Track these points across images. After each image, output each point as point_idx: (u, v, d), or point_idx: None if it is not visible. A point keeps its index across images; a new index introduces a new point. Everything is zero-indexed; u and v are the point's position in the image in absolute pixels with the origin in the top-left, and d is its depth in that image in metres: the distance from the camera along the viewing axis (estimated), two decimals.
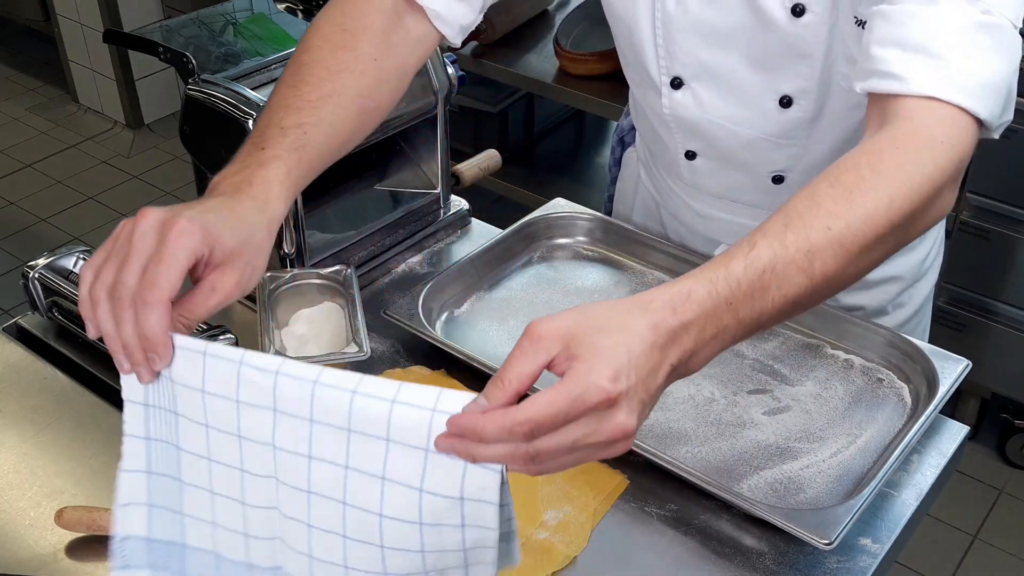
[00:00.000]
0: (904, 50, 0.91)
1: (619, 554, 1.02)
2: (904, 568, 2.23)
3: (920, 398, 1.17)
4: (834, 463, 1.09)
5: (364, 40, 1.06)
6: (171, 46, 1.27)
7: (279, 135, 0.95)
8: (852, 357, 1.23)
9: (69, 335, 1.26)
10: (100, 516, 1.00)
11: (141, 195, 3.48)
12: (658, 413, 1.15)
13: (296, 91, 1.00)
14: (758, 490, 1.06)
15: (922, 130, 0.88)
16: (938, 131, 0.88)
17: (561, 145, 3.10)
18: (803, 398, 1.18)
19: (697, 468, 1.07)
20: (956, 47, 0.89)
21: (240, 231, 0.85)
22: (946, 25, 0.90)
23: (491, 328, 1.29)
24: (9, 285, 3.06)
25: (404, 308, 1.25)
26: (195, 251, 0.80)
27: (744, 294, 0.77)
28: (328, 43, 1.05)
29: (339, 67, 1.03)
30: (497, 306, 1.33)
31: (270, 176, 0.91)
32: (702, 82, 1.21)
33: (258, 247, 0.87)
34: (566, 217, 1.44)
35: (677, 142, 1.30)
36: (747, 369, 1.22)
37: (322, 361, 1.16)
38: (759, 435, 1.13)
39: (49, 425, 1.15)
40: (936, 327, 2.39)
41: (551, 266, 1.40)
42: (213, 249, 0.82)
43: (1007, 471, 2.48)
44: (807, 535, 0.97)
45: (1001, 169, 2.14)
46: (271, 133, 0.96)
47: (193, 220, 0.80)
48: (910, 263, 1.34)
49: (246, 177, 0.90)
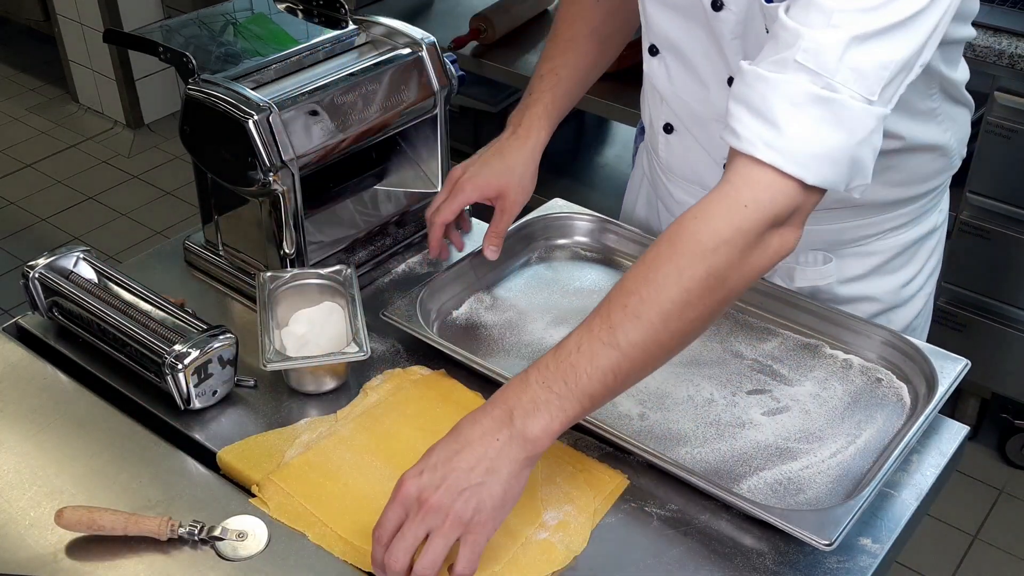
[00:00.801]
0: (748, 110, 0.96)
1: (619, 554, 1.02)
2: (904, 568, 2.23)
3: (919, 398, 1.17)
4: (833, 463, 1.10)
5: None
6: (171, 46, 1.27)
7: (539, 81, 1.34)
8: (851, 357, 1.23)
9: (69, 335, 1.26)
10: (100, 516, 1.00)
11: (141, 195, 3.48)
12: (658, 414, 1.15)
13: (551, 43, 1.36)
14: (758, 491, 1.06)
15: (734, 193, 0.95)
16: (746, 194, 0.94)
17: (561, 145, 3.10)
18: (802, 398, 1.18)
19: (697, 469, 1.07)
20: (791, 118, 0.93)
21: (504, 170, 1.31)
22: (786, 95, 0.94)
23: (490, 329, 1.29)
24: (9, 285, 3.06)
25: (403, 310, 1.25)
26: (471, 200, 1.31)
27: (553, 375, 0.94)
28: (564, 1, 1.38)
29: (573, 16, 1.36)
30: (496, 307, 1.33)
31: (532, 113, 1.33)
32: (670, 53, 1.26)
33: (522, 173, 1.32)
34: (564, 218, 1.44)
35: (657, 113, 1.34)
36: (746, 369, 1.22)
37: (322, 361, 1.16)
38: (758, 435, 1.13)
39: (49, 425, 1.15)
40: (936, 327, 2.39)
41: (550, 267, 1.40)
42: (485, 190, 1.30)
43: (1007, 471, 2.48)
44: (808, 536, 0.97)
45: (1001, 169, 2.14)
46: (534, 82, 1.35)
47: (470, 180, 1.30)
48: (886, 286, 1.34)
49: (518, 119, 1.34)
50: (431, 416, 1.16)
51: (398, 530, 0.92)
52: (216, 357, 1.14)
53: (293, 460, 1.09)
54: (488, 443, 0.93)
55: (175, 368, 1.11)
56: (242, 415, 1.17)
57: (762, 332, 1.28)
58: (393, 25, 1.38)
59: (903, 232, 1.32)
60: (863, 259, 1.32)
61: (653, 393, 1.18)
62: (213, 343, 1.13)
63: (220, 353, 1.14)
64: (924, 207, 1.32)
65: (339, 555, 1.00)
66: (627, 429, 1.13)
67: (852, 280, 1.32)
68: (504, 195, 1.31)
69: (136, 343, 1.16)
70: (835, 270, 1.30)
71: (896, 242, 1.32)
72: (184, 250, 1.42)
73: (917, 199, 1.30)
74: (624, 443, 1.09)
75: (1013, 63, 2.02)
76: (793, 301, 1.28)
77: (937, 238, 1.38)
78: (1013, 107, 2.07)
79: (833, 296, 1.32)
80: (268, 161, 1.19)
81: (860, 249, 1.31)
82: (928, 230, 1.34)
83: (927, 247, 1.36)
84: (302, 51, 1.33)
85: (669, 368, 1.20)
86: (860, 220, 1.28)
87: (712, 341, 1.26)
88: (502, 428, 0.93)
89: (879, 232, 1.30)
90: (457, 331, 1.29)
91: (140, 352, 1.15)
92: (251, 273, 1.33)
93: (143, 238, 3.27)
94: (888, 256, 1.32)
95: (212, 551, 1.00)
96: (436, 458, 0.93)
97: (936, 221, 1.36)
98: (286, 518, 1.03)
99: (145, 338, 1.15)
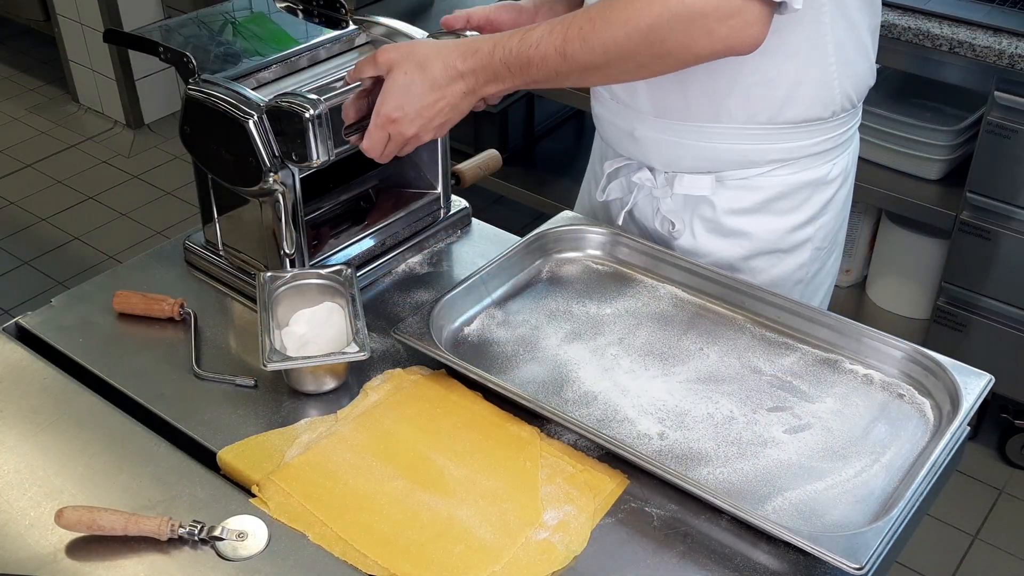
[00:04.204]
0: None
1: (619, 554, 1.02)
2: (904, 568, 2.23)
3: (943, 414, 1.15)
4: (859, 482, 1.08)
5: None
6: (171, 46, 1.27)
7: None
8: (871, 372, 1.22)
9: (69, 335, 1.26)
10: (100, 516, 1.00)
11: (141, 195, 3.48)
12: (678, 433, 1.13)
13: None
14: (783, 512, 1.04)
15: None
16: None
17: (561, 145, 3.10)
18: (824, 415, 1.16)
19: (721, 490, 1.06)
20: None
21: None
22: None
23: (503, 345, 1.27)
24: (9, 285, 3.06)
25: (414, 327, 1.23)
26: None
27: (514, 61, 1.14)
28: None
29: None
30: (508, 323, 1.31)
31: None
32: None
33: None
34: (575, 231, 1.42)
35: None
36: (765, 386, 1.20)
37: (322, 361, 1.16)
38: (781, 454, 1.11)
39: (49, 425, 1.15)
40: (936, 327, 2.40)
41: (561, 280, 1.38)
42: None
43: (1007, 471, 2.48)
44: (839, 560, 0.95)
45: (1001, 169, 2.14)
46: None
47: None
48: (769, 225, 1.38)
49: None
50: (431, 416, 1.16)
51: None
52: None
53: (293, 460, 1.09)
54: (454, 91, 1.16)
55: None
56: (242, 415, 1.17)
57: (780, 347, 1.26)
58: (393, 25, 1.38)
59: (789, 172, 1.34)
60: (747, 192, 1.36)
61: (672, 411, 1.16)
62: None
63: None
64: (812, 151, 1.34)
65: (339, 555, 1.00)
66: (647, 449, 1.11)
67: (736, 213, 1.37)
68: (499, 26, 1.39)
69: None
70: (714, 185, 1.35)
71: (781, 181, 1.35)
72: (184, 250, 1.42)
73: (800, 136, 1.32)
74: (648, 465, 1.07)
75: (1013, 63, 2.02)
76: (810, 315, 1.27)
77: (831, 192, 1.39)
78: (1013, 107, 2.07)
79: (719, 227, 1.37)
80: (268, 161, 1.19)
81: (745, 182, 1.35)
82: (819, 178, 1.36)
83: (819, 198, 1.37)
84: (302, 51, 1.33)
85: (687, 385, 1.20)
86: (743, 144, 1.32)
87: (730, 357, 1.25)
88: (465, 85, 1.16)
89: (764, 164, 1.33)
90: (470, 348, 1.27)
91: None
92: (251, 273, 1.33)
93: (143, 238, 3.27)
94: (771, 194, 1.35)
95: (212, 551, 1.00)
96: (411, 106, 1.15)
97: (830, 173, 1.37)
98: (286, 518, 1.03)
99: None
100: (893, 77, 2.44)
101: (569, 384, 1.20)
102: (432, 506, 1.05)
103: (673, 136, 1.35)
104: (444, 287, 1.35)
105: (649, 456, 1.08)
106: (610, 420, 1.15)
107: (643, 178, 1.41)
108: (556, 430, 1.14)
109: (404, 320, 1.24)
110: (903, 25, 2.12)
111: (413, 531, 1.02)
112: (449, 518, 1.04)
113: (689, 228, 1.40)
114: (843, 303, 2.65)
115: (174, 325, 1.30)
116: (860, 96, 1.35)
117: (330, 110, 1.17)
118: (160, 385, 1.21)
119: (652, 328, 1.29)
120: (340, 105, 1.19)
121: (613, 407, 1.17)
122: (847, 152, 1.39)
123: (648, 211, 1.44)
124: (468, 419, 1.16)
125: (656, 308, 1.33)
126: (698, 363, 1.24)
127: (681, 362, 1.24)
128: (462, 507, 1.05)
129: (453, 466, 1.10)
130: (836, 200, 1.40)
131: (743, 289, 1.32)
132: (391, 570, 0.99)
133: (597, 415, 1.16)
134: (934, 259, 2.46)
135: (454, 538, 1.02)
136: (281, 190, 1.23)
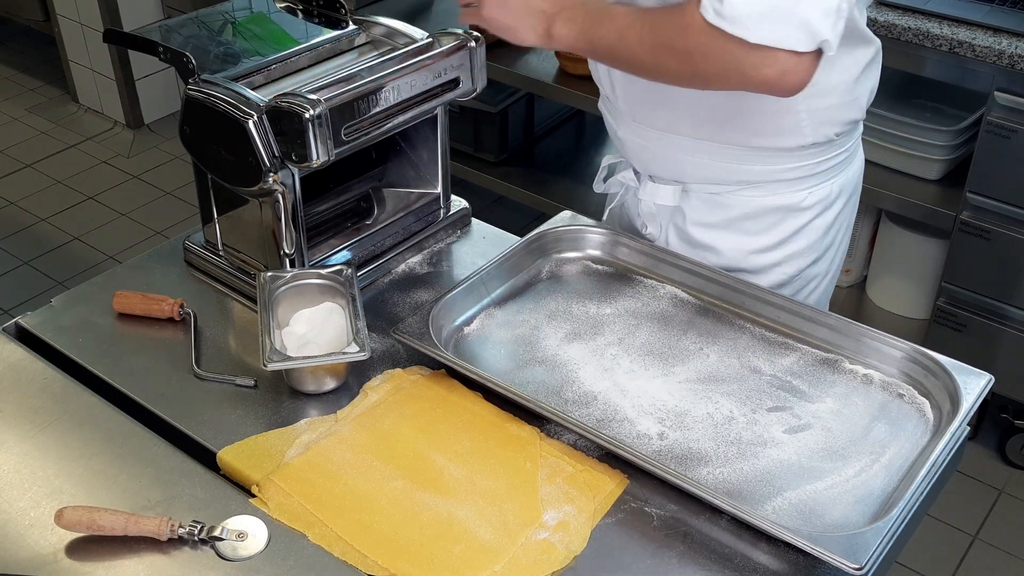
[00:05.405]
0: None
1: (619, 554, 1.02)
2: (904, 568, 2.23)
3: (943, 414, 1.15)
4: (858, 482, 1.08)
5: None
6: (171, 46, 1.27)
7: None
8: (871, 372, 1.22)
9: (69, 335, 1.26)
10: (100, 516, 1.00)
11: (141, 195, 3.48)
12: (677, 433, 1.14)
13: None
14: (783, 512, 1.05)
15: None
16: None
17: (561, 145, 3.10)
18: (823, 415, 1.17)
19: (721, 490, 1.06)
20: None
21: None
22: None
23: (504, 345, 1.27)
24: (9, 285, 3.06)
25: (414, 327, 1.23)
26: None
27: (595, 17, 1.20)
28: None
29: None
30: (509, 323, 1.31)
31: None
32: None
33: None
34: (575, 231, 1.42)
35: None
36: (765, 386, 1.21)
37: (322, 361, 1.16)
38: (781, 454, 1.11)
39: (49, 425, 1.15)
40: (936, 327, 2.39)
41: (560, 280, 1.39)
42: None
43: (1007, 471, 2.48)
44: (838, 560, 0.96)
45: (1001, 169, 2.14)
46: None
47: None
48: (733, 243, 1.39)
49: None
50: (431, 416, 1.16)
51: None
52: None
53: (293, 460, 1.09)
54: (534, 15, 1.23)
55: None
56: (242, 415, 1.17)
57: (779, 347, 1.26)
58: (393, 25, 1.38)
59: (759, 194, 1.35)
60: (716, 208, 1.37)
61: (672, 411, 1.17)
62: None
63: None
64: (783, 176, 1.33)
65: (339, 555, 1.00)
66: (647, 449, 1.11)
67: (704, 226, 1.38)
68: None
69: None
70: (679, 196, 1.37)
71: (748, 202, 1.35)
72: (184, 250, 1.42)
73: (769, 161, 1.31)
74: (647, 466, 1.07)
75: (1013, 63, 2.02)
76: (810, 315, 1.27)
77: (805, 219, 1.37)
78: (1013, 107, 2.07)
79: (688, 238, 1.39)
80: (268, 161, 1.19)
81: (714, 197, 1.36)
82: (790, 204, 1.35)
83: (790, 224, 1.37)
84: (302, 51, 1.33)
85: (687, 385, 1.20)
86: (711, 160, 1.33)
87: (729, 356, 1.25)
88: (544, 20, 1.23)
89: (731, 183, 1.34)
90: (470, 348, 1.27)
91: None
92: (251, 273, 1.33)
93: (143, 238, 3.27)
94: (738, 213, 1.36)
95: (212, 551, 1.00)
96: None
97: (804, 200, 1.36)
98: (286, 518, 1.03)
99: None
100: (893, 77, 2.43)
101: (569, 384, 1.20)
102: (432, 506, 1.05)
103: (645, 142, 1.37)
104: (444, 287, 1.35)
105: (649, 456, 1.09)
106: (610, 420, 1.15)
107: (627, 177, 1.44)
108: (556, 430, 1.14)
109: (404, 320, 1.25)
110: (903, 25, 2.12)
111: (413, 531, 1.02)
112: (449, 518, 1.04)
113: (664, 234, 1.42)
114: (843, 303, 2.64)
115: (174, 325, 1.30)
116: (841, 131, 1.33)
117: (330, 110, 1.17)
118: (160, 385, 1.21)
119: (652, 328, 1.29)
120: (340, 105, 1.19)
121: (613, 407, 1.17)
122: (831, 181, 1.37)
123: (633, 210, 1.46)
124: (468, 419, 1.16)
125: (656, 308, 1.33)
126: (698, 363, 1.24)
127: (681, 362, 1.24)
128: (462, 507, 1.05)
129: (453, 466, 1.10)
130: (813, 227, 1.38)
131: (743, 289, 1.32)
132: (391, 570, 0.99)
133: (597, 415, 1.16)
134: (934, 259, 2.46)
135: (454, 538, 1.02)
136: (281, 190, 1.23)
